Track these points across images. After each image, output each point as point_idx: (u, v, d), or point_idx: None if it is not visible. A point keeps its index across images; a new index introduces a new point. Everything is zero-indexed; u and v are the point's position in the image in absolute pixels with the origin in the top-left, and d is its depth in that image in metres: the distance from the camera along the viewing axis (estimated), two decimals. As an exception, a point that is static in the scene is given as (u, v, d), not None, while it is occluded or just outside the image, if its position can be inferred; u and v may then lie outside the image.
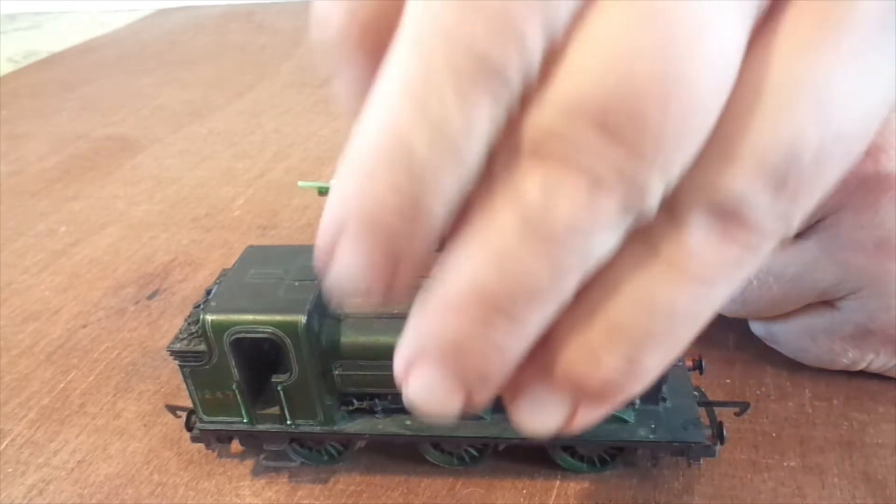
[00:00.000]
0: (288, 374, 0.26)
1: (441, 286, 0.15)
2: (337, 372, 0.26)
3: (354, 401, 0.27)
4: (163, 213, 0.50)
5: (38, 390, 0.34)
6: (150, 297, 0.40)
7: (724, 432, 0.25)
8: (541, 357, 0.16)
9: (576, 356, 0.15)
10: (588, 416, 0.17)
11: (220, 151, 0.59)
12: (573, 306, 0.15)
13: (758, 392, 0.30)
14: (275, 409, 0.27)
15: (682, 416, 0.26)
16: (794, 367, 0.31)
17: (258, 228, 0.47)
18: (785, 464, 0.27)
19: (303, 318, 0.24)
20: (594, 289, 0.15)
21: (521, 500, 0.27)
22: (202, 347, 0.26)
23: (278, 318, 0.24)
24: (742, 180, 0.13)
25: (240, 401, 0.27)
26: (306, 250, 0.28)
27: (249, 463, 0.29)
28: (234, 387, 0.26)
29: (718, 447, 0.26)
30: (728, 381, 0.31)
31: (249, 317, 0.25)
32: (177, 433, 0.31)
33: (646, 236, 0.14)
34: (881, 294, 0.27)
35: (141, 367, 0.35)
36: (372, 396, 0.27)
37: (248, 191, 0.52)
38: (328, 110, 0.65)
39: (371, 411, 0.27)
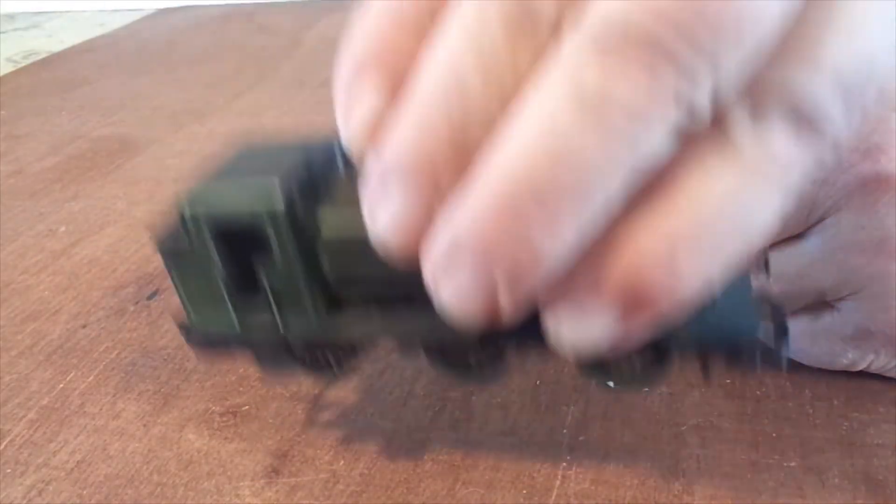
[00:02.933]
0: (272, 265, 0.23)
1: (478, 175, 0.15)
2: (326, 265, 0.23)
3: (347, 298, 0.24)
4: (163, 214, 0.49)
5: (38, 390, 0.34)
6: (149, 297, 0.40)
7: (788, 335, 0.21)
8: (586, 267, 0.16)
9: (630, 260, 0.15)
10: (634, 329, 0.16)
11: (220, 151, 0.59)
12: (628, 217, 0.15)
13: (758, 392, 0.30)
14: (266, 313, 0.24)
15: (735, 312, 0.21)
16: (795, 367, 0.31)
17: (258, 228, 0.47)
18: (785, 464, 0.27)
19: (281, 206, 0.22)
20: (654, 196, 0.15)
21: (521, 500, 0.27)
22: (185, 241, 0.24)
23: (260, 205, 0.22)
24: (824, 89, 0.15)
25: (227, 301, 0.24)
26: (301, 142, 0.25)
27: (249, 463, 0.29)
28: (219, 283, 0.24)
29: (785, 352, 0.21)
30: (728, 381, 0.31)
31: (229, 203, 0.22)
32: (176, 433, 0.31)
33: (721, 138, 0.15)
34: (881, 295, 0.27)
35: (141, 368, 0.35)
36: (367, 296, 0.23)
37: (248, 191, 0.52)
38: (328, 110, 0.65)
39: (366, 311, 0.24)
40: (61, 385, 0.35)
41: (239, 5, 1.07)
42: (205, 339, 0.26)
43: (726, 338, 0.21)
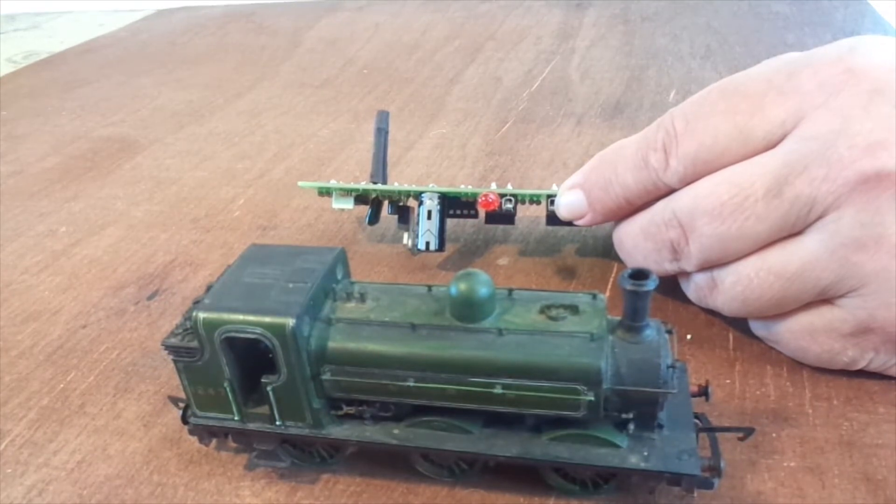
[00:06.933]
0: (277, 375, 0.25)
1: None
2: (325, 376, 0.25)
3: (343, 406, 0.26)
4: (163, 214, 0.50)
5: (38, 391, 0.34)
6: (150, 298, 0.40)
7: (722, 464, 0.24)
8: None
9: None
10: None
11: (220, 151, 0.59)
12: None
13: (758, 392, 0.30)
14: (265, 409, 0.27)
15: (679, 444, 0.25)
16: (795, 366, 0.31)
17: (258, 228, 0.47)
18: (785, 464, 0.27)
19: (291, 321, 0.24)
20: None
21: (521, 499, 0.27)
22: (195, 344, 0.25)
23: (267, 319, 0.24)
24: None
25: (230, 399, 0.26)
26: (307, 252, 0.27)
27: (249, 463, 0.29)
28: (224, 384, 0.26)
29: (717, 480, 0.24)
30: (728, 381, 0.31)
31: (239, 316, 0.24)
32: (176, 433, 0.31)
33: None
34: (881, 291, 0.27)
35: (141, 368, 0.35)
36: (361, 402, 0.26)
37: (248, 191, 0.52)
38: (328, 110, 0.65)
39: (360, 417, 0.27)
40: (61, 385, 0.35)
41: (239, 5, 1.07)
42: (204, 428, 0.28)
43: (670, 471, 0.24)
